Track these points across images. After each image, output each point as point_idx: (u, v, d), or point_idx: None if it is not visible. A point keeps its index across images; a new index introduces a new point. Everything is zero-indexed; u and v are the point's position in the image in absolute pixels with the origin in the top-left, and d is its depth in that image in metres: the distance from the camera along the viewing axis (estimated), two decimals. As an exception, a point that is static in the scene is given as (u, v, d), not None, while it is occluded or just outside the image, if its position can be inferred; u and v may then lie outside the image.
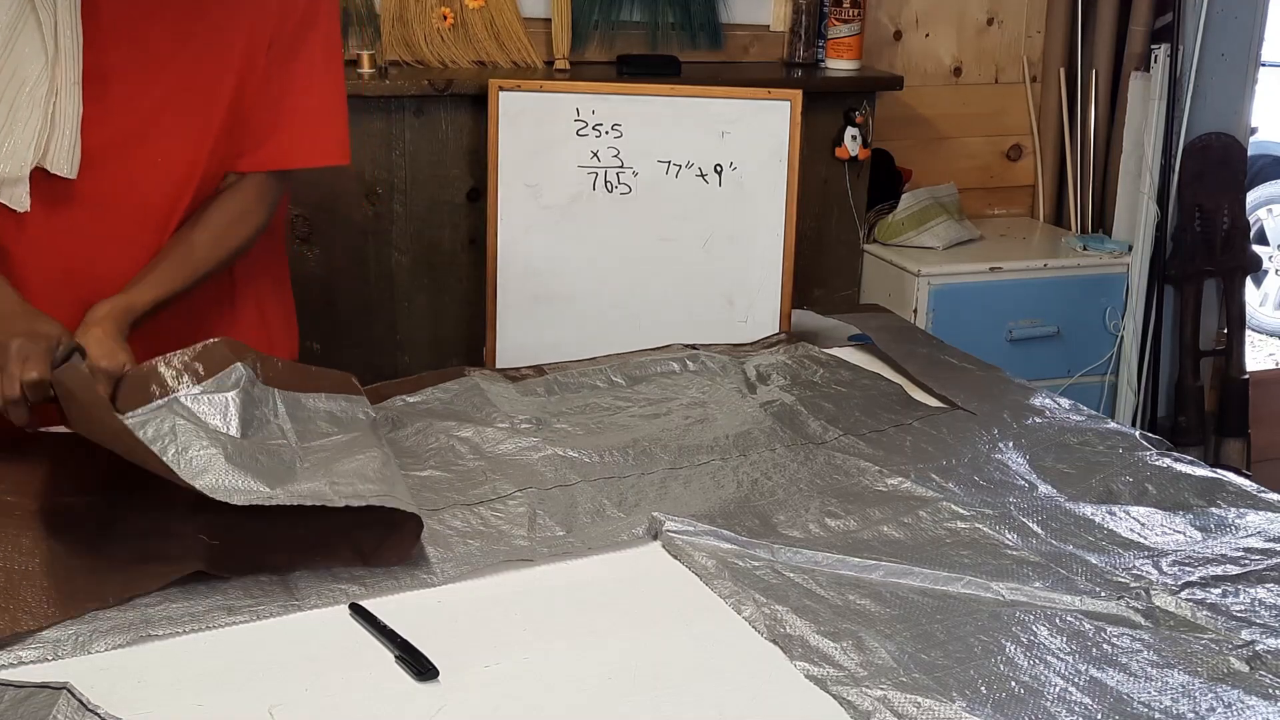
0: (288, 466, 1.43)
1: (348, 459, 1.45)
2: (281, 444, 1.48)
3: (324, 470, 1.42)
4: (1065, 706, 1.16)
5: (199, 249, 1.69)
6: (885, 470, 1.65)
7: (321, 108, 1.78)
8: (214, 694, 1.16)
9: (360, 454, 1.46)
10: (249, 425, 1.47)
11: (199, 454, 1.38)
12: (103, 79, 1.61)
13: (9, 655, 1.19)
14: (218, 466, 1.36)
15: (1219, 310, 3.59)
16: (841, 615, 1.30)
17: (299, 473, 1.42)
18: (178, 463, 1.37)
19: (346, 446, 1.50)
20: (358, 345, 2.88)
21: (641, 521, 1.49)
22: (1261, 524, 1.54)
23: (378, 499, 1.35)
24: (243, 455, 1.40)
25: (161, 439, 1.39)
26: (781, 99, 2.58)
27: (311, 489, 1.36)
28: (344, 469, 1.42)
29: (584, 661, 1.23)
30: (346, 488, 1.37)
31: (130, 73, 1.63)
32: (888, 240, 3.32)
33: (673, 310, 2.60)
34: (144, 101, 1.64)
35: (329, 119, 1.80)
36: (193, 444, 1.39)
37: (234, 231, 1.73)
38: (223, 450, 1.39)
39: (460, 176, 2.86)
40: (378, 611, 1.28)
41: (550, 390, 1.90)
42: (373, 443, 1.50)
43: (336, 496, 1.34)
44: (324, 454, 1.48)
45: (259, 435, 1.48)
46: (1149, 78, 3.35)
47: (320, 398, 1.59)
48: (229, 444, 1.41)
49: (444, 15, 2.92)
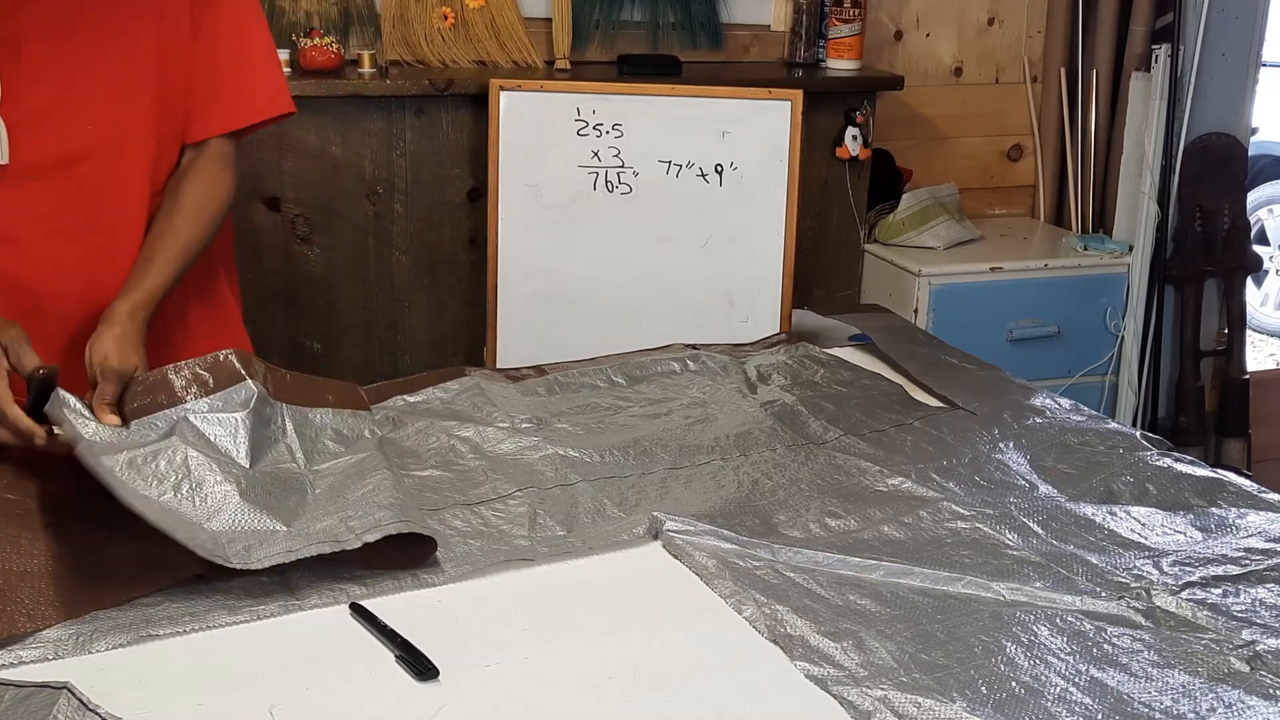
0: (299, 497, 1.44)
1: (358, 484, 1.45)
2: (291, 467, 1.49)
3: (336, 500, 1.42)
4: (1066, 707, 1.16)
5: (183, 228, 1.68)
6: (886, 470, 1.65)
7: (255, 62, 1.78)
8: (214, 694, 1.15)
9: (371, 477, 1.46)
10: (259, 448, 1.48)
11: (213, 490, 1.38)
12: (14, 45, 1.58)
13: (9, 655, 1.19)
14: (232, 504, 1.37)
15: (1219, 310, 3.59)
16: (842, 615, 1.30)
17: (310, 502, 1.43)
18: (192, 500, 1.37)
19: (356, 469, 1.50)
20: (358, 345, 2.88)
21: (642, 521, 1.49)
22: (1262, 524, 1.54)
23: (394, 526, 1.34)
24: (256, 490, 1.41)
25: (175, 472, 1.39)
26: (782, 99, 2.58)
27: (327, 529, 1.35)
28: (356, 497, 1.41)
29: (584, 661, 1.23)
30: (361, 520, 1.36)
31: (39, 30, 1.59)
32: (888, 240, 3.32)
33: (673, 310, 2.60)
34: (61, 62, 1.61)
35: (264, 71, 1.80)
36: (206, 479, 1.39)
37: (209, 201, 1.72)
38: (236, 486, 1.39)
39: (461, 176, 2.86)
40: (378, 611, 1.28)
41: (551, 390, 1.90)
42: (381, 464, 1.50)
43: (352, 536, 1.33)
44: (333, 478, 1.49)
45: (269, 457, 1.49)
46: (1149, 78, 3.35)
47: (327, 413, 1.59)
48: (242, 478, 1.41)
49: (444, 15, 2.92)
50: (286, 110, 1.83)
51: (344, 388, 1.68)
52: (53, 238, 1.65)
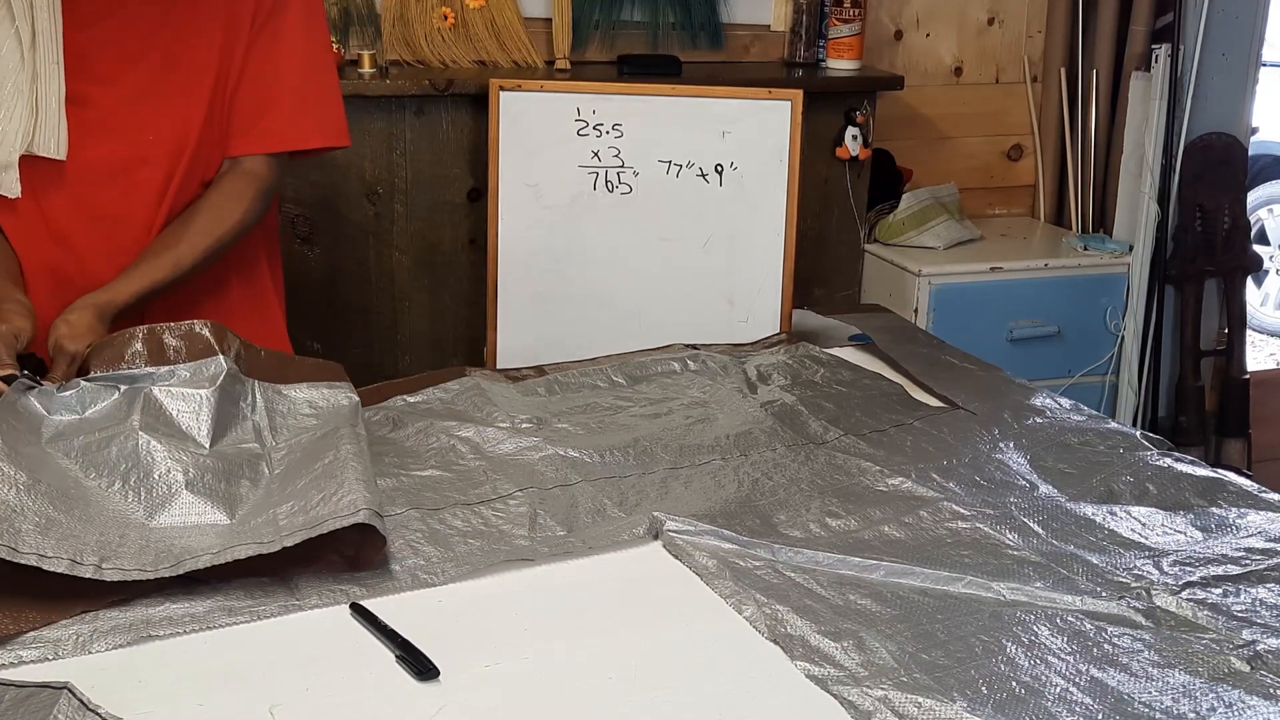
0: (252, 480, 1.44)
1: (308, 469, 1.43)
2: (253, 447, 1.48)
3: (282, 487, 1.41)
4: (1066, 706, 1.16)
5: (184, 243, 1.68)
6: (886, 470, 1.65)
7: (309, 87, 1.76)
8: (214, 694, 1.15)
9: (324, 458, 1.44)
10: (222, 426, 1.48)
11: (160, 480, 1.38)
12: (83, 56, 1.60)
13: (9, 655, 1.19)
14: (179, 496, 1.38)
15: (1219, 310, 3.59)
16: (842, 615, 1.30)
17: (261, 487, 1.43)
18: (139, 491, 1.37)
19: (315, 447, 1.48)
20: (358, 345, 2.88)
21: (642, 521, 1.49)
22: (1262, 524, 1.54)
23: (315, 528, 1.31)
24: (205, 477, 1.40)
25: (125, 460, 1.40)
26: (782, 99, 2.58)
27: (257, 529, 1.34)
28: (300, 487, 1.39)
29: (584, 661, 1.23)
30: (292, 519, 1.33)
31: (111, 48, 1.62)
32: (888, 240, 3.32)
33: (673, 310, 2.60)
34: (129, 78, 1.64)
35: (318, 99, 1.78)
36: (155, 467, 1.39)
37: (220, 223, 1.71)
38: (185, 474, 1.39)
39: (461, 176, 2.87)
40: (378, 611, 1.28)
41: (551, 390, 1.90)
42: (346, 436, 1.48)
43: (276, 537, 1.31)
44: (294, 455, 1.48)
45: (231, 436, 1.48)
46: (1150, 78, 3.35)
47: (302, 387, 1.59)
48: (192, 465, 1.41)
49: (445, 15, 2.92)
50: (337, 143, 1.80)
51: (320, 364, 1.67)
52: (107, 240, 1.67)
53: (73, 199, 1.65)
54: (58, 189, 1.63)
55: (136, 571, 1.27)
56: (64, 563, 1.24)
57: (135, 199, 1.67)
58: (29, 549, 1.23)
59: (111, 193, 1.66)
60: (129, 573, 1.26)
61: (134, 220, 1.68)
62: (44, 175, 1.63)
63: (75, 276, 1.67)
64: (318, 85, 1.78)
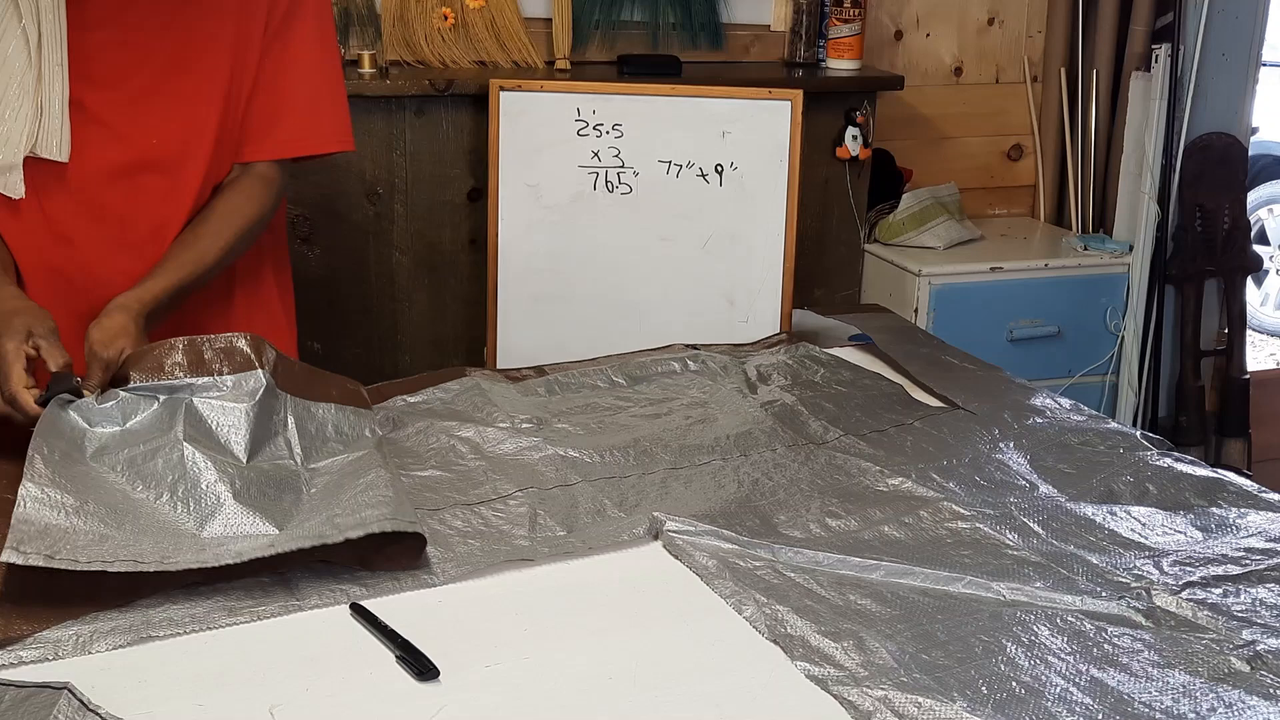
0: (294, 496, 1.44)
1: (351, 484, 1.44)
2: (289, 464, 1.49)
3: (328, 500, 1.42)
4: (1066, 706, 1.16)
5: (204, 238, 1.69)
6: (886, 470, 1.65)
7: (321, 94, 1.78)
8: (214, 694, 1.15)
9: (365, 475, 1.46)
10: (259, 441, 1.48)
11: (208, 490, 1.39)
12: (87, 59, 1.61)
13: (9, 655, 1.19)
14: (227, 506, 1.38)
15: (1220, 310, 3.59)
16: (842, 615, 1.30)
17: (304, 502, 1.44)
18: (187, 503, 1.38)
19: (352, 469, 1.49)
20: (358, 345, 2.88)
21: (642, 521, 1.49)
22: (1262, 524, 1.54)
23: (378, 524, 1.34)
24: (250, 490, 1.41)
25: (172, 471, 1.40)
26: (782, 99, 2.58)
27: (313, 528, 1.35)
28: (347, 498, 1.41)
29: (584, 661, 1.23)
30: (348, 518, 1.36)
31: (115, 52, 1.62)
32: (888, 240, 3.32)
33: (673, 310, 2.60)
34: (132, 82, 1.64)
35: (329, 106, 1.80)
36: (202, 477, 1.39)
37: (237, 218, 1.72)
38: (231, 487, 1.40)
39: (461, 176, 2.87)
40: (378, 611, 1.28)
41: (551, 390, 1.90)
42: (377, 462, 1.50)
43: (336, 531, 1.33)
44: (329, 477, 1.49)
45: (267, 451, 1.49)
46: (1150, 78, 3.35)
47: (330, 409, 1.59)
48: (238, 478, 1.41)
49: (445, 15, 2.92)
50: (344, 148, 1.83)
51: (348, 385, 1.68)
52: (110, 244, 1.68)
53: (76, 201, 1.65)
54: (61, 190, 1.64)
55: (198, 563, 1.28)
56: (128, 564, 1.25)
57: (139, 202, 1.68)
58: (88, 558, 1.25)
59: (114, 195, 1.66)
60: (192, 564, 1.28)
61: (138, 223, 1.68)
62: (47, 177, 1.63)
63: (77, 278, 1.67)
64: (329, 92, 1.80)
